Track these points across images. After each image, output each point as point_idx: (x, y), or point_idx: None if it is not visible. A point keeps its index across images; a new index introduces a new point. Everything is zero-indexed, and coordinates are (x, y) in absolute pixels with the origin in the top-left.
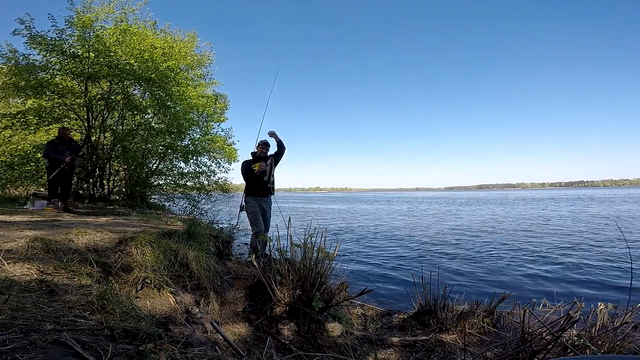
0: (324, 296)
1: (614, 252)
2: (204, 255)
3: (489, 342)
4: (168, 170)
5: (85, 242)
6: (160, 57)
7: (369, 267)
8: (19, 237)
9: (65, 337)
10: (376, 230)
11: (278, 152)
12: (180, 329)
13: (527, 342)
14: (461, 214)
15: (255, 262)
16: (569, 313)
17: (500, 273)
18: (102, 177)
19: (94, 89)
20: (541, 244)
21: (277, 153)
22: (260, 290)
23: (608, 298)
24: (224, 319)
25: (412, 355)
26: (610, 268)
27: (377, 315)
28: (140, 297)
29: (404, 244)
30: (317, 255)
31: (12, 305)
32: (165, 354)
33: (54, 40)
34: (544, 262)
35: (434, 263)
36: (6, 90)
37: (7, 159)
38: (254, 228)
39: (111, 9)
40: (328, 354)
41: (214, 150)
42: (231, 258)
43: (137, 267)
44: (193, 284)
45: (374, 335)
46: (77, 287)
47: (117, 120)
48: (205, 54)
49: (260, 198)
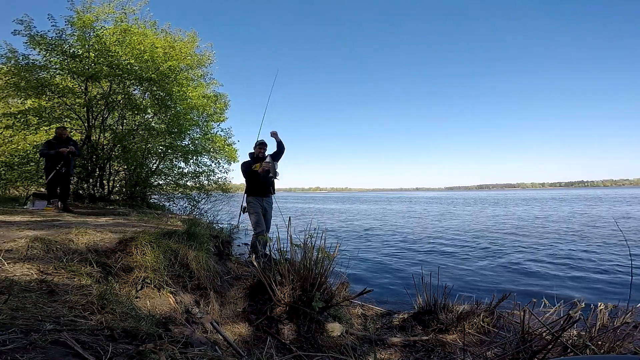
0: (324, 296)
1: (614, 252)
2: (204, 255)
3: (489, 342)
4: (168, 170)
5: (85, 242)
6: (160, 57)
7: (369, 267)
8: (19, 237)
9: (65, 337)
10: (376, 231)
11: (277, 152)
12: (180, 329)
13: (527, 342)
14: (461, 214)
15: (255, 262)
16: (569, 313)
17: (500, 273)
18: (102, 177)
19: (94, 89)
20: (541, 244)
21: (276, 153)
22: (260, 290)
23: (608, 298)
24: (224, 319)
25: (412, 355)
26: (611, 268)
27: (377, 315)
28: (140, 297)
29: (404, 244)
30: (317, 255)
31: (12, 305)
32: (165, 354)
33: (54, 40)
34: (544, 262)
35: (434, 263)
36: (6, 90)
37: (7, 159)
38: (256, 228)
39: (111, 9)
40: (328, 354)
41: (214, 150)
42: (231, 258)
43: (137, 267)
44: (193, 284)
45: (374, 335)
46: (77, 287)
47: (117, 120)
48: (205, 54)
49: (262, 198)
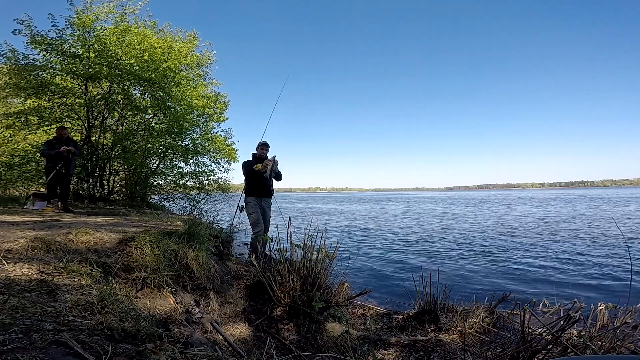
0: (324, 296)
1: (614, 252)
2: (204, 255)
3: (489, 342)
4: (168, 170)
5: (85, 242)
6: (160, 57)
7: (369, 267)
8: (19, 237)
9: (65, 337)
10: (376, 230)
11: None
12: (180, 329)
13: (527, 342)
14: (461, 214)
15: (255, 262)
16: (569, 313)
17: (500, 273)
18: (102, 177)
19: (94, 89)
20: (541, 244)
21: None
22: (260, 290)
23: (608, 298)
24: (224, 319)
25: (412, 355)
26: (611, 268)
27: (377, 315)
28: (140, 297)
29: (404, 244)
30: (317, 256)
31: (12, 305)
32: (165, 354)
33: (54, 40)
34: (544, 262)
35: (434, 263)
36: (6, 90)
37: (7, 159)
38: (254, 228)
39: (111, 9)
40: (328, 354)
41: (213, 150)
42: (231, 258)
43: (137, 267)
44: (193, 284)
45: (374, 335)
46: (77, 287)
47: (117, 120)
48: (205, 54)
49: (261, 198)
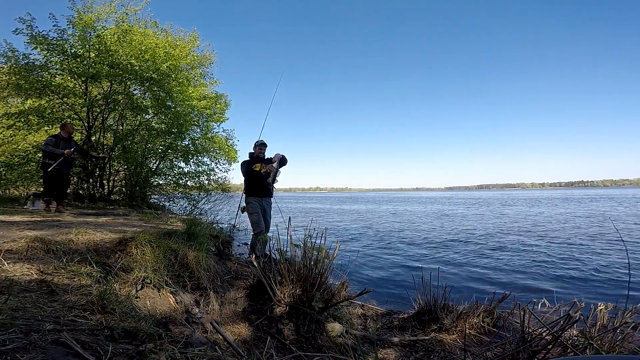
0: (324, 296)
1: (614, 252)
2: (204, 255)
3: (489, 342)
4: (168, 170)
5: (85, 242)
6: (160, 57)
7: (369, 267)
8: (19, 237)
9: (65, 337)
10: (376, 230)
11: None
12: (180, 329)
13: (527, 342)
14: (461, 214)
15: (255, 262)
16: (569, 313)
17: (501, 273)
18: (102, 177)
19: (95, 89)
20: (541, 244)
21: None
22: (260, 290)
23: (608, 298)
24: (224, 319)
25: (412, 355)
26: (611, 268)
27: (377, 315)
28: (140, 297)
29: (404, 244)
30: (317, 255)
31: (12, 305)
32: (165, 354)
33: (55, 40)
34: (544, 262)
35: (434, 263)
36: (7, 90)
37: (7, 159)
38: (255, 228)
39: (112, 9)
40: (328, 354)
41: (214, 150)
42: (231, 258)
43: (137, 267)
44: (193, 284)
45: (374, 335)
46: (77, 287)
47: (118, 120)
48: (206, 54)
49: (262, 198)
